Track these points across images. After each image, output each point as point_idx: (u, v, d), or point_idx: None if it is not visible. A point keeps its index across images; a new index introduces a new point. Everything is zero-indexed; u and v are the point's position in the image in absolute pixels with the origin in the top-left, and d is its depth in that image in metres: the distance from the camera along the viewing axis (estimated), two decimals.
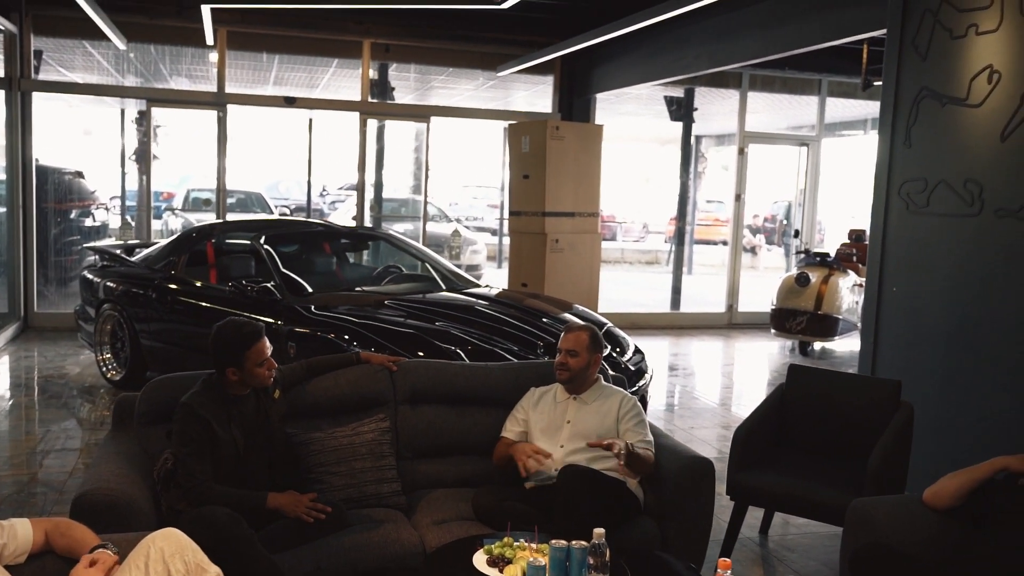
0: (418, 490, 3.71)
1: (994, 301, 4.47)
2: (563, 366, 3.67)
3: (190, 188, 16.10)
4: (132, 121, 16.40)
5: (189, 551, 2.33)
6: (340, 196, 21.77)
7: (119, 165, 15.83)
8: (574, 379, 3.69)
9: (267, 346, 3.29)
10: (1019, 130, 4.31)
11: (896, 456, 3.75)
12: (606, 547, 2.56)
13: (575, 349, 3.67)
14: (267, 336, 3.38)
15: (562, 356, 3.67)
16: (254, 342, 3.23)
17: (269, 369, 3.30)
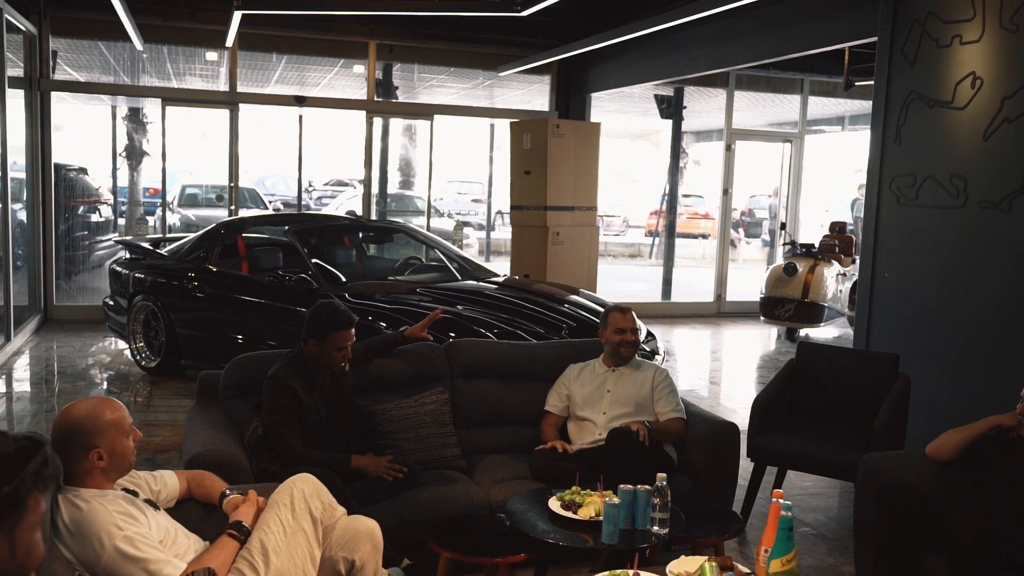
0: (474, 455, 4.14)
1: (977, 284, 4.98)
2: (634, 344, 4.11)
3: (184, 184, 16.36)
4: (123, 119, 16.60)
5: (324, 492, 2.75)
6: (327, 192, 22.08)
7: (117, 162, 16.05)
8: (636, 352, 4.15)
9: (352, 336, 3.68)
10: (1000, 130, 4.82)
11: (896, 419, 4.24)
12: (667, 489, 3.01)
13: (634, 327, 4.13)
14: None
15: (630, 334, 4.11)
16: (344, 328, 3.63)
17: (344, 357, 3.69)
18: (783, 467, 4.52)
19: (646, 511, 3.01)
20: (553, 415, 4.17)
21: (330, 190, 21.97)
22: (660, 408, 4.05)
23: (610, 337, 4.15)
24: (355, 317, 3.75)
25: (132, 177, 16.19)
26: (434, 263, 7.31)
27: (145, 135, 16.43)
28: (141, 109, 16.08)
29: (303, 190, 15.62)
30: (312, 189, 21.76)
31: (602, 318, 4.27)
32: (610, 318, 4.19)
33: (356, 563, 2.67)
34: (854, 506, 3.73)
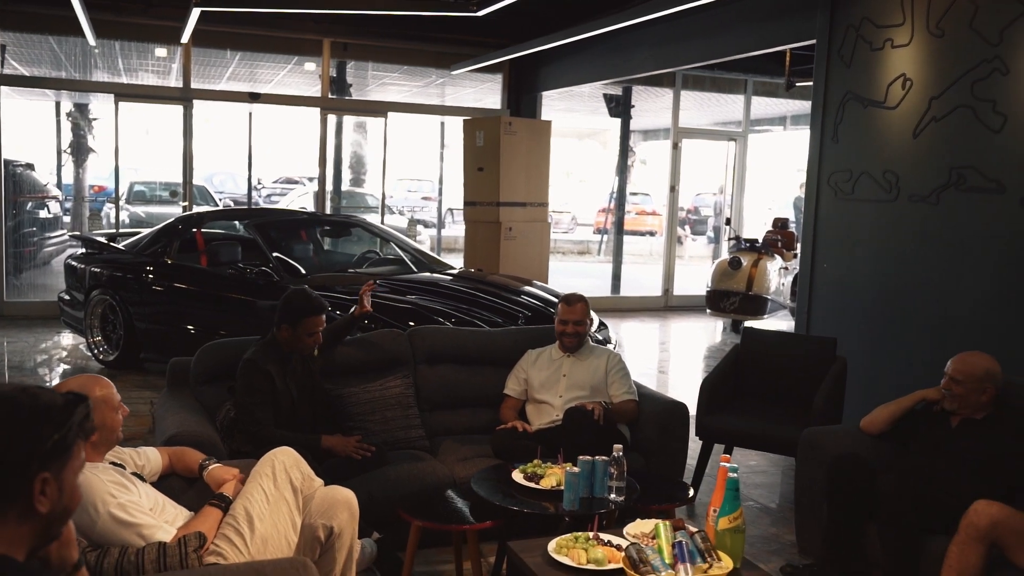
0: (437, 436, 4.32)
1: (909, 272, 5.30)
2: (575, 335, 4.31)
3: (133, 181, 16.22)
4: (67, 115, 16.37)
5: (303, 463, 2.91)
6: (277, 189, 22.00)
7: (62, 158, 15.82)
8: (581, 343, 4.35)
9: (322, 323, 3.84)
10: (928, 128, 5.14)
11: (834, 398, 4.53)
12: (623, 459, 3.24)
13: (581, 319, 4.33)
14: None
15: (571, 326, 4.31)
16: (315, 314, 3.78)
17: (315, 343, 3.85)
18: (730, 444, 4.78)
19: (604, 480, 3.22)
20: (512, 398, 4.36)
21: (280, 188, 21.90)
22: (614, 391, 4.28)
23: (556, 326, 4.37)
24: (327, 304, 3.91)
25: (78, 174, 16.00)
26: (390, 256, 7.46)
27: (91, 131, 16.25)
28: (87, 105, 15.91)
29: (252, 188, 15.65)
30: (261, 187, 21.68)
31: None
32: (558, 308, 4.40)
33: (335, 530, 2.83)
34: (796, 477, 4.00)
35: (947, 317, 5.02)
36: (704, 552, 2.68)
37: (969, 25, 4.86)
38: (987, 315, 4.80)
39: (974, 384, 3.53)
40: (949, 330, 4.96)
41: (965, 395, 3.55)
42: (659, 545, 2.70)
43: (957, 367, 3.60)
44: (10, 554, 1.41)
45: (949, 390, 3.60)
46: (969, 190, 4.89)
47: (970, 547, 3.00)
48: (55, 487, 1.46)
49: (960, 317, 4.94)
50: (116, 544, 2.45)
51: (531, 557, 2.79)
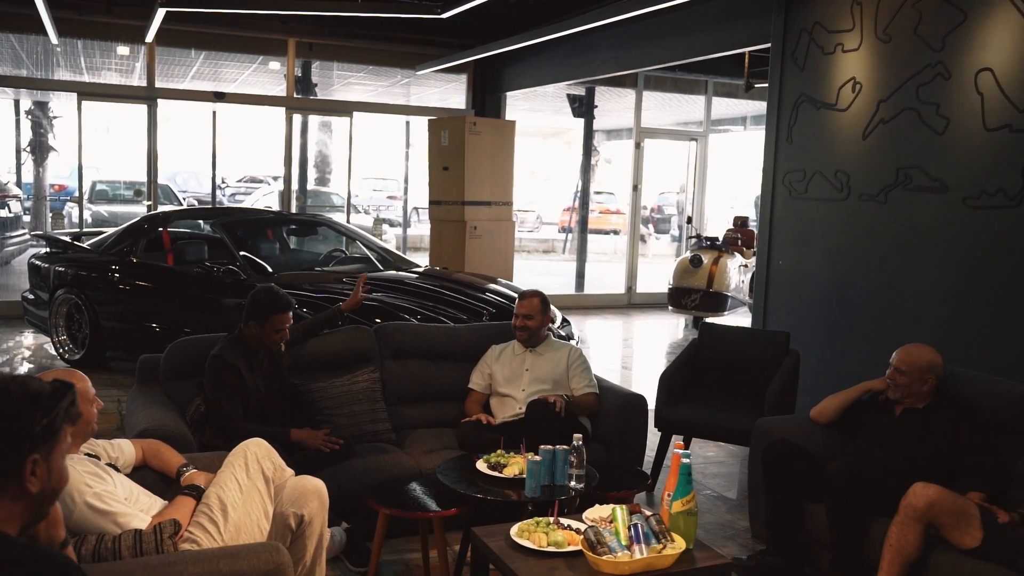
0: (403, 430, 4.43)
1: (860, 268, 5.50)
2: (524, 328, 4.44)
3: (95, 180, 16.09)
4: (26, 113, 16.18)
5: (274, 454, 3.00)
6: (240, 188, 21.92)
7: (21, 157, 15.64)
8: (531, 337, 4.47)
9: (289, 319, 3.94)
10: (876, 130, 5.34)
11: (787, 389, 4.71)
12: (583, 448, 3.37)
13: (531, 313, 4.45)
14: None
15: (520, 320, 4.44)
16: (282, 311, 3.88)
17: (282, 339, 3.95)
18: (688, 435, 4.94)
19: (564, 468, 3.36)
20: (477, 392, 4.48)
21: (244, 187, 21.83)
22: (575, 384, 4.41)
23: (513, 322, 4.50)
24: (293, 301, 4.00)
25: (37, 173, 15.85)
26: (356, 255, 7.54)
27: (51, 130, 16.09)
28: (47, 104, 15.75)
29: (216, 187, 15.64)
30: (225, 186, 21.58)
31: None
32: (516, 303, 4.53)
33: (305, 518, 2.93)
34: (749, 465, 4.16)
35: (894, 311, 5.23)
36: (659, 534, 2.82)
37: (914, 31, 5.06)
38: (931, 309, 5.01)
39: (917, 374, 3.71)
40: (896, 323, 5.16)
41: (908, 385, 3.73)
42: (616, 528, 2.83)
43: (902, 358, 3.78)
44: (3, 530, 1.51)
45: (894, 380, 3.78)
46: (915, 189, 5.10)
47: (909, 527, 3.18)
48: (44, 468, 1.56)
49: (906, 311, 5.15)
50: (93, 532, 2.53)
51: (494, 541, 2.92)
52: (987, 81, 4.65)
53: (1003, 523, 3.16)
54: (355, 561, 3.69)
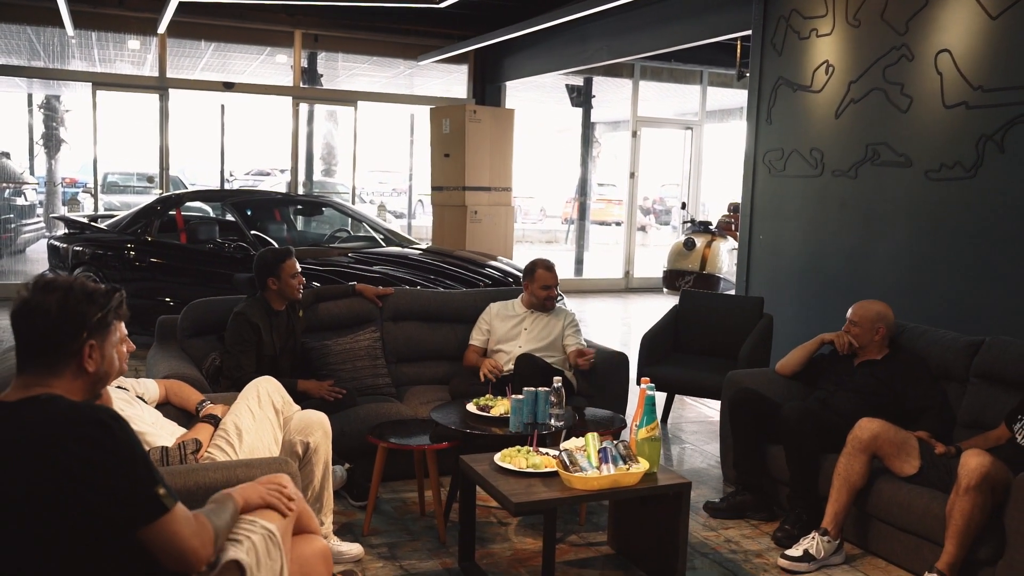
0: (402, 386, 4.79)
1: (832, 239, 5.85)
2: (552, 299, 4.77)
3: (107, 172, 16.48)
4: (39, 107, 16.57)
5: (282, 390, 3.36)
6: (248, 181, 22.30)
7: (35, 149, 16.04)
8: None
9: (296, 264, 4.30)
10: (848, 110, 5.68)
11: (760, 348, 5.07)
12: (563, 389, 3.72)
13: (557, 283, 4.79)
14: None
15: (552, 290, 4.75)
16: (288, 257, 4.25)
17: (300, 283, 4.31)
18: (668, 392, 5.29)
19: (546, 407, 3.70)
20: (476, 346, 4.80)
21: (252, 180, 22.20)
22: (567, 342, 4.74)
23: (536, 291, 4.77)
24: (291, 248, 4.38)
25: (50, 166, 16.23)
26: (361, 235, 7.90)
27: (63, 123, 16.46)
28: (59, 96, 16.13)
29: (224, 180, 16.04)
30: (233, 179, 21.96)
31: (528, 270, 4.82)
32: (536, 274, 4.77)
33: (311, 445, 3.29)
34: (720, 414, 4.51)
35: (862, 277, 5.57)
36: (625, 457, 3.17)
37: (881, 16, 5.40)
38: (895, 274, 5.35)
39: (869, 324, 4.07)
40: (863, 288, 5.49)
41: (862, 334, 4.09)
42: (588, 452, 3.19)
43: (855, 311, 4.14)
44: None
45: (849, 331, 4.13)
46: (882, 164, 5.44)
47: (855, 457, 3.52)
48: (99, 353, 1.93)
49: (873, 276, 5.49)
50: None
51: (480, 465, 3.27)
52: (946, 61, 4.99)
53: (939, 454, 3.50)
54: (356, 496, 4.05)
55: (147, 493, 1.78)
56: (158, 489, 1.80)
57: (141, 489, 1.78)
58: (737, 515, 4.05)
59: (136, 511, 1.77)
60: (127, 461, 1.76)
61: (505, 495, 3.00)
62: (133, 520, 1.77)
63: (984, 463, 3.07)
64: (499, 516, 3.98)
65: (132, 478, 1.76)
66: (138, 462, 1.79)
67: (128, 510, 1.76)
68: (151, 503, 1.78)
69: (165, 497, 1.80)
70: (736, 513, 4.07)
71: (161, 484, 1.81)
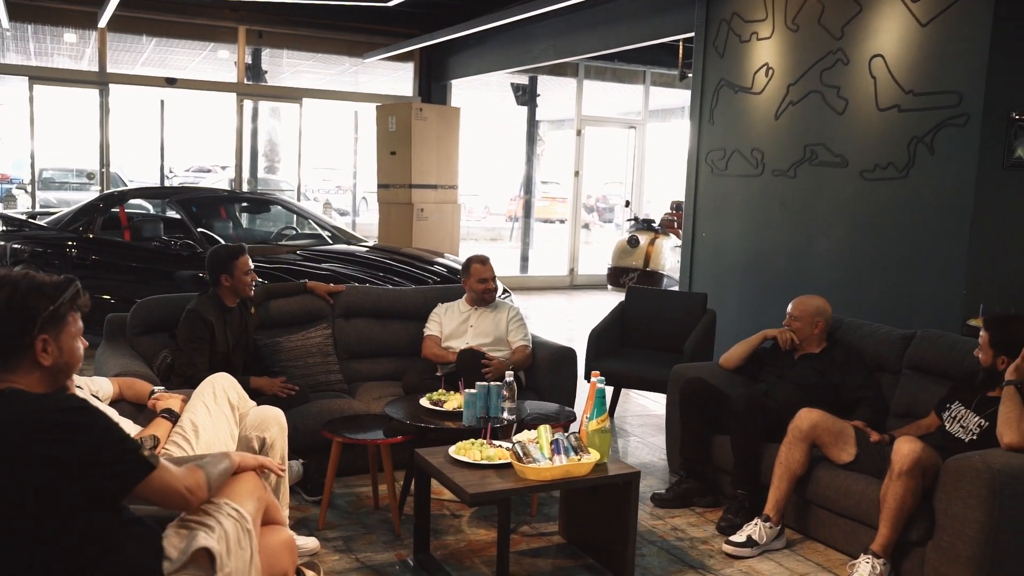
0: (354, 382, 4.82)
1: (772, 237, 6.03)
2: (492, 290, 4.85)
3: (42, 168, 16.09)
4: None
5: (238, 386, 3.38)
6: (189, 177, 21.95)
7: None
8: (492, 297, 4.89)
9: (249, 261, 4.31)
10: (786, 111, 5.87)
11: (704, 342, 5.22)
12: (514, 384, 3.80)
13: (493, 275, 4.87)
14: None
15: (488, 283, 4.83)
16: (241, 254, 4.27)
17: (252, 279, 4.32)
18: (615, 386, 5.41)
19: (498, 401, 3.79)
20: (434, 335, 4.85)
21: (193, 176, 21.87)
22: (512, 338, 4.83)
23: (474, 286, 4.87)
24: (244, 245, 4.39)
25: None
26: (308, 232, 7.88)
27: None
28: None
29: (164, 176, 15.79)
30: (173, 175, 21.59)
31: (464, 268, 4.96)
32: (472, 269, 4.89)
33: (267, 440, 3.31)
34: (666, 407, 4.64)
35: (801, 274, 5.76)
36: (576, 448, 3.27)
37: (818, 21, 5.59)
38: (833, 271, 5.55)
39: (808, 318, 4.24)
40: (803, 284, 5.67)
41: (802, 328, 4.26)
42: (540, 443, 3.28)
43: (795, 306, 4.31)
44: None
45: (789, 326, 4.30)
46: (820, 164, 5.63)
47: (795, 446, 3.67)
48: (55, 347, 1.96)
49: (812, 273, 5.69)
50: None
51: (435, 458, 3.34)
52: (879, 66, 5.19)
53: (874, 441, 3.67)
54: (310, 491, 4.09)
55: (133, 455, 1.90)
56: (142, 451, 1.92)
57: (127, 454, 1.90)
58: (683, 503, 4.18)
59: (128, 474, 1.89)
60: (108, 433, 1.87)
61: (460, 486, 3.08)
62: (128, 482, 1.89)
63: (915, 449, 3.24)
64: (452, 508, 4.05)
65: (117, 448, 1.89)
66: (117, 432, 1.90)
67: (121, 475, 1.89)
68: (140, 463, 1.91)
69: (150, 456, 1.93)
70: (682, 501, 4.20)
71: (142, 446, 1.93)
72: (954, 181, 4.78)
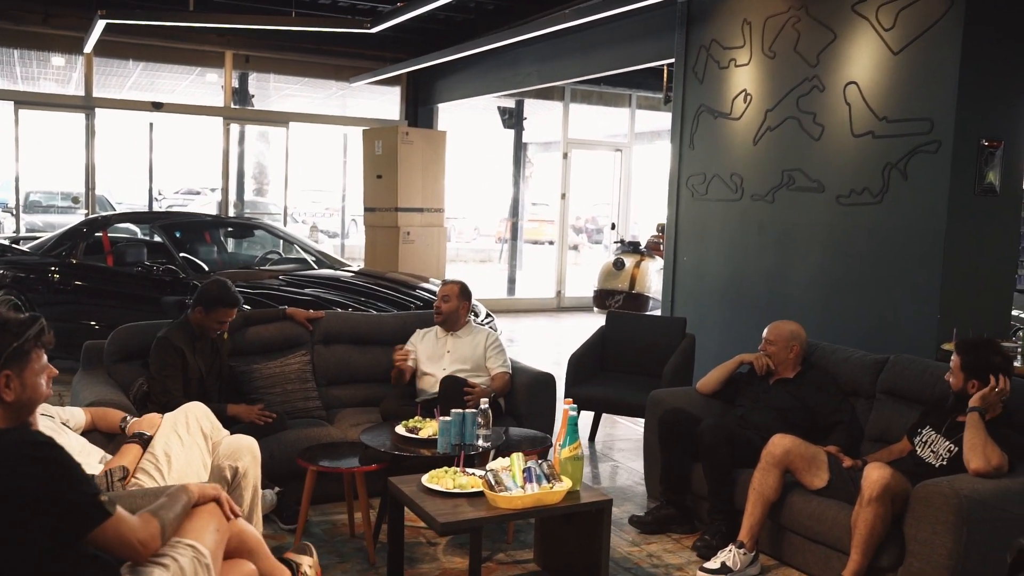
0: (333, 408, 4.82)
1: (751, 262, 6.07)
2: (437, 310, 4.87)
3: (29, 191, 16.09)
4: None
5: (211, 415, 3.39)
6: (178, 200, 21.97)
7: None
8: (447, 320, 4.89)
9: (233, 315, 4.32)
10: (764, 137, 5.92)
11: (683, 368, 5.24)
12: (489, 411, 3.81)
13: (448, 295, 4.88)
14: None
15: (437, 302, 4.87)
16: (229, 306, 4.26)
17: (221, 330, 4.32)
18: (596, 411, 5.43)
19: (473, 428, 3.79)
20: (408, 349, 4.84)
21: (182, 198, 21.89)
22: (490, 364, 4.84)
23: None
24: (240, 298, 4.38)
25: None
26: (292, 257, 7.89)
27: None
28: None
29: (153, 198, 15.80)
30: (162, 197, 21.61)
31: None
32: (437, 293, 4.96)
33: (240, 470, 3.31)
34: (644, 432, 4.66)
35: (779, 297, 5.80)
36: (549, 476, 3.28)
37: (794, 48, 5.66)
38: (810, 295, 5.59)
39: (783, 343, 4.27)
40: (782, 309, 5.72)
41: (777, 352, 4.29)
42: (512, 471, 3.28)
43: (770, 330, 4.35)
44: None
45: (765, 350, 4.32)
46: (797, 189, 5.68)
47: (769, 472, 3.69)
48: (18, 383, 1.97)
49: (790, 297, 5.73)
50: None
51: (408, 487, 3.34)
52: (853, 93, 5.25)
53: (847, 467, 3.69)
54: (286, 520, 4.08)
55: (91, 500, 1.92)
56: (100, 497, 1.94)
57: (85, 498, 1.92)
58: (661, 528, 4.19)
59: (84, 518, 1.91)
60: (67, 472, 1.88)
61: (431, 515, 3.08)
62: (82, 527, 1.90)
63: (884, 475, 3.26)
64: (428, 536, 4.05)
65: (75, 489, 1.91)
66: (77, 472, 1.90)
67: (76, 518, 1.90)
68: (96, 509, 1.92)
69: (107, 503, 1.94)
70: (660, 527, 4.21)
71: (101, 492, 1.95)
72: (927, 206, 4.83)
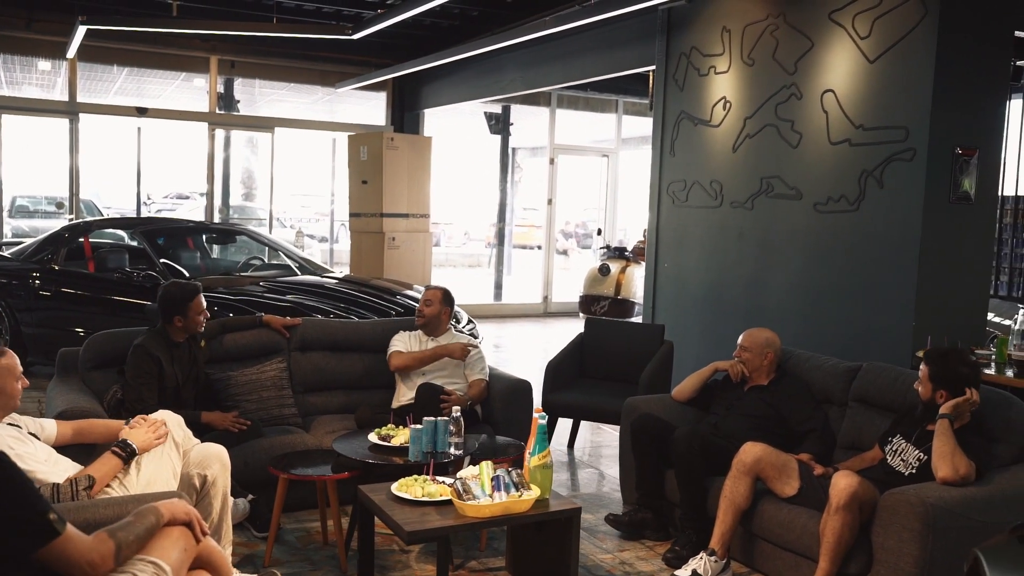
0: (309, 415, 4.82)
1: (730, 267, 6.09)
2: (420, 313, 4.88)
3: (15, 195, 16.04)
4: None
5: (183, 424, 3.38)
6: (167, 204, 21.91)
7: None
8: (428, 324, 4.89)
9: (203, 301, 4.31)
10: (744, 144, 5.94)
11: (660, 374, 5.24)
12: (461, 420, 3.81)
13: (430, 300, 4.88)
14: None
15: (420, 306, 4.88)
16: (195, 295, 4.26)
17: (205, 317, 4.33)
18: (573, 418, 5.43)
19: (445, 436, 3.79)
20: (401, 351, 4.82)
21: (170, 203, 21.83)
22: (468, 372, 4.84)
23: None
24: (199, 284, 4.38)
25: None
26: (276, 263, 7.89)
27: None
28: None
29: (142, 202, 15.76)
30: (151, 201, 21.55)
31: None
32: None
33: (208, 478, 3.31)
34: (619, 438, 4.66)
35: (758, 303, 5.82)
36: (518, 484, 3.28)
37: (772, 56, 5.68)
38: (788, 301, 5.61)
39: (758, 349, 4.28)
40: (760, 316, 5.74)
41: (752, 359, 4.30)
42: (481, 480, 3.28)
43: (745, 338, 4.36)
44: None
45: (739, 357, 4.34)
46: (776, 196, 5.70)
47: (740, 480, 3.70)
48: None
49: (768, 303, 5.74)
50: None
51: (377, 495, 3.34)
52: (831, 101, 5.28)
53: (818, 475, 3.70)
54: (259, 528, 4.07)
55: (40, 519, 1.91)
56: (49, 515, 1.93)
57: (33, 516, 1.91)
58: (636, 532, 4.20)
59: (31, 536, 1.90)
60: (19, 489, 1.88)
61: (399, 524, 3.08)
62: (29, 544, 1.90)
63: (852, 484, 3.27)
64: (400, 544, 4.04)
65: (24, 506, 1.90)
66: (28, 491, 1.91)
67: (23, 535, 1.90)
68: (44, 528, 1.91)
69: (56, 522, 1.93)
70: (635, 530, 4.22)
71: (51, 510, 1.93)
72: (903, 214, 4.86)
